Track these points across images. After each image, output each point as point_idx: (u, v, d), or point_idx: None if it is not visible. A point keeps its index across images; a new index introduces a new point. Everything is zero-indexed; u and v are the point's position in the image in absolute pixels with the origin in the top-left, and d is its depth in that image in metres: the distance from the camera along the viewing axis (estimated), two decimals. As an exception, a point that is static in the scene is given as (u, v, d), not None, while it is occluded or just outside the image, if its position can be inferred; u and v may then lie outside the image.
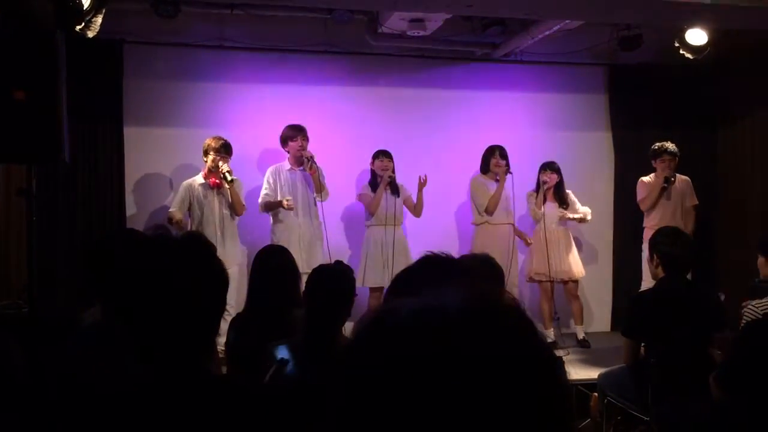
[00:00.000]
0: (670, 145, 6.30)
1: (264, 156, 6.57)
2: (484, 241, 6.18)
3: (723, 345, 3.74)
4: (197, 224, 5.80)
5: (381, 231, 6.16)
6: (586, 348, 6.35)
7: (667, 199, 6.36)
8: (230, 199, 5.85)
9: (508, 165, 6.33)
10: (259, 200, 6.05)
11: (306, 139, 6.03)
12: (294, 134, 6.02)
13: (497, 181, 6.37)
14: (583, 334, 6.53)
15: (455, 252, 6.49)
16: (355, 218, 6.62)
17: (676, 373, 3.75)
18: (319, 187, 5.98)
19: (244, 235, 6.37)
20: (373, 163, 6.25)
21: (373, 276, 6.09)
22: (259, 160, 6.58)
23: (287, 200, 5.88)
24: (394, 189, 6.22)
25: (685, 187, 6.44)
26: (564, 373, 0.72)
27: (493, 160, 6.35)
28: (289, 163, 6.11)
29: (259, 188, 6.28)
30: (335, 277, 3.07)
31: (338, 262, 3.40)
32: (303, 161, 5.97)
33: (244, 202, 5.96)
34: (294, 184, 6.06)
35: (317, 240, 6.06)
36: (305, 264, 5.38)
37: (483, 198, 6.33)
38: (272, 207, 6.00)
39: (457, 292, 0.73)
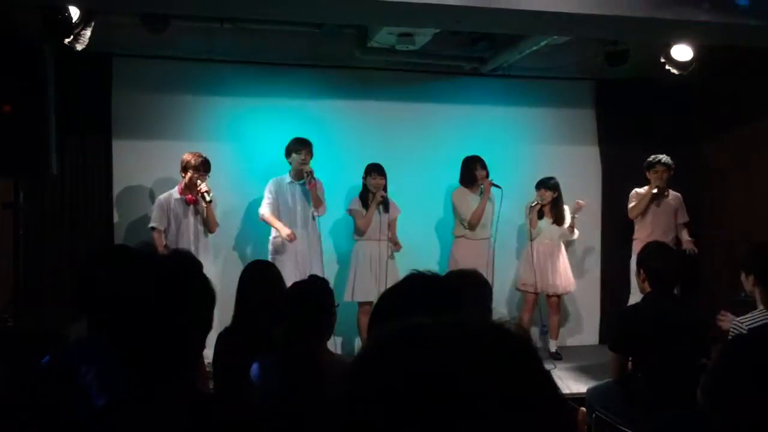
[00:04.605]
0: (665, 157, 6.39)
1: (252, 169, 6.56)
2: (463, 255, 6.22)
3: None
4: (172, 239, 5.78)
5: (370, 245, 6.16)
6: (557, 360, 6.41)
7: (659, 213, 6.40)
8: (205, 216, 5.84)
9: (488, 176, 6.36)
10: (261, 210, 6.04)
11: (310, 153, 6.04)
12: (298, 147, 6.03)
13: (482, 194, 6.37)
14: (556, 348, 6.61)
15: (441, 264, 6.53)
16: (344, 232, 6.61)
17: (664, 387, 3.76)
18: (317, 202, 5.99)
19: (243, 248, 6.43)
20: (365, 177, 6.24)
21: (362, 290, 6.08)
22: (247, 173, 6.56)
23: (289, 234, 5.86)
24: (385, 206, 6.22)
25: (677, 203, 6.50)
26: (568, 411, 0.74)
27: (477, 172, 6.36)
28: (290, 176, 6.11)
29: (250, 202, 6.29)
30: (309, 294, 3.06)
31: (312, 276, 3.39)
32: (303, 175, 5.98)
33: (218, 221, 5.96)
34: (293, 196, 6.07)
35: (315, 253, 6.04)
36: (303, 277, 5.35)
37: (467, 211, 6.34)
38: (273, 225, 6.00)
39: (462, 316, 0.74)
